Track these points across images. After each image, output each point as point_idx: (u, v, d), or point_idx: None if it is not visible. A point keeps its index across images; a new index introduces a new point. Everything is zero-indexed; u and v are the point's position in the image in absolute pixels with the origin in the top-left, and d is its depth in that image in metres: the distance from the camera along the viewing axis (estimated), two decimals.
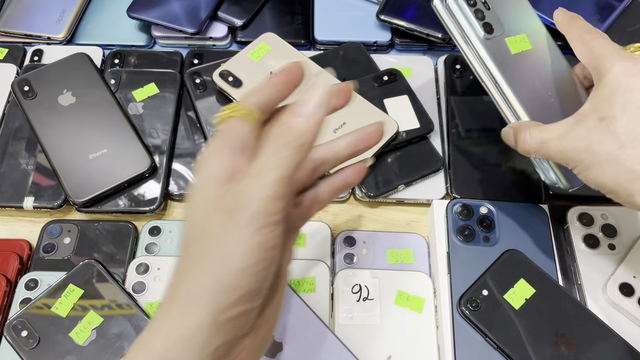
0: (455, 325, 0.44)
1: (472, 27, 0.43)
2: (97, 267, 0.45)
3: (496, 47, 0.43)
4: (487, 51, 0.43)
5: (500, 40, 0.43)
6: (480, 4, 0.43)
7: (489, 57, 0.43)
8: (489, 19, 0.43)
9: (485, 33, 0.43)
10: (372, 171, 0.52)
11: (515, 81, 0.42)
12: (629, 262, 0.47)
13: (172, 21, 0.61)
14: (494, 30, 0.43)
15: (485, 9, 0.43)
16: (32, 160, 0.53)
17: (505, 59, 0.43)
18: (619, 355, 0.42)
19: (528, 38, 0.44)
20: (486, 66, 0.43)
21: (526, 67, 0.43)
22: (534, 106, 0.42)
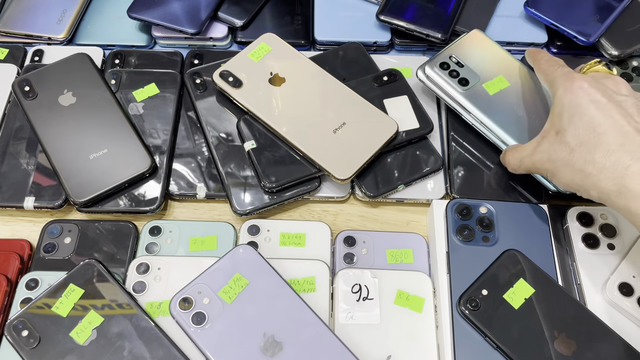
0: (455, 325, 0.44)
1: (450, 85, 0.53)
2: (98, 266, 0.45)
3: (475, 95, 0.52)
4: (468, 100, 0.52)
5: (478, 87, 0.53)
6: (454, 64, 0.54)
7: (470, 104, 0.52)
8: (463, 75, 0.53)
9: (462, 86, 0.53)
10: (372, 171, 0.52)
11: (498, 116, 0.51)
12: (629, 262, 0.47)
13: (172, 21, 0.61)
14: (469, 82, 0.53)
15: (459, 67, 0.54)
16: (32, 160, 0.53)
17: (485, 100, 0.52)
18: (619, 355, 0.42)
19: (505, 77, 0.53)
20: (469, 112, 0.52)
21: (506, 101, 0.52)
22: (518, 131, 0.51)
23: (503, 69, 0.54)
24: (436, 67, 0.54)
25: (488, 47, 0.55)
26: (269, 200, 0.51)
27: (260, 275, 0.44)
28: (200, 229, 0.50)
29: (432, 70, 0.54)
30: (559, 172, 0.43)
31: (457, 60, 0.54)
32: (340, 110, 0.53)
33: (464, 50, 0.55)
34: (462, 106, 0.52)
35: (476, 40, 0.56)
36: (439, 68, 0.53)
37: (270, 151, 0.52)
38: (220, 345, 0.42)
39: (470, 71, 0.53)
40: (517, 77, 0.53)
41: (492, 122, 0.51)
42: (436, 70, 0.53)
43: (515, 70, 0.54)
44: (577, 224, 0.49)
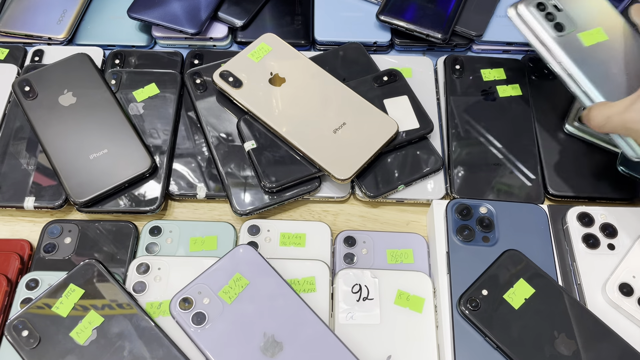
0: (455, 325, 0.44)
1: (544, 27, 0.49)
2: (98, 267, 0.45)
3: (568, 42, 0.49)
4: (560, 46, 0.48)
5: (573, 36, 0.49)
6: (551, 7, 0.50)
7: (561, 51, 0.48)
8: (560, 19, 0.49)
9: (556, 31, 0.49)
10: (372, 171, 0.52)
11: (589, 69, 0.48)
12: (629, 262, 0.47)
13: (172, 22, 0.61)
14: (564, 28, 0.49)
15: (557, 10, 0.50)
16: (32, 161, 0.53)
17: (578, 51, 0.48)
18: (619, 355, 0.42)
19: (603, 30, 0.50)
20: (559, 60, 0.48)
21: (601, 55, 0.49)
22: (609, 89, 0.47)
23: (603, 21, 0.50)
24: (532, 6, 0.49)
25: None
26: (269, 200, 0.51)
27: (261, 275, 0.44)
28: (200, 229, 0.50)
29: (527, 8, 0.49)
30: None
31: (555, 4, 0.50)
32: (340, 110, 0.53)
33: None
34: (552, 53, 0.49)
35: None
36: (535, 7, 0.49)
37: (270, 151, 0.52)
38: (220, 345, 0.42)
39: (567, 17, 0.49)
40: (617, 32, 0.50)
41: (582, 75, 0.48)
42: (531, 10, 0.49)
43: (617, 25, 0.50)
44: (577, 224, 0.49)
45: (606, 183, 0.53)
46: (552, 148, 0.55)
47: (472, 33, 0.62)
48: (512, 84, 0.59)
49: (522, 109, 0.57)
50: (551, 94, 0.59)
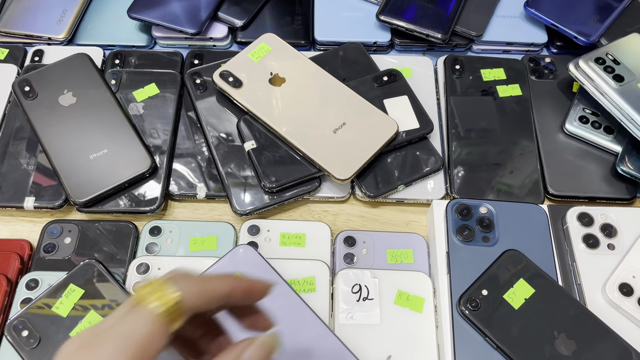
0: (455, 325, 0.44)
1: (604, 79, 0.53)
2: (98, 267, 0.45)
3: (628, 92, 0.52)
4: (620, 96, 0.52)
5: (632, 85, 0.53)
6: (609, 61, 0.54)
7: (622, 100, 0.52)
8: (619, 71, 0.53)
9: (616, 82, 0.53)
10: (372, 171, 0.52)
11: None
12: (629, 262, 0.47)
13: (172, 22, 0.61)
14: (624, 79, 0.53)
15: (615, 64, 0.54)
16: (32, 161, 0.53)
17: (638, 99, 0.52)
18: (619, 355, 0.42)
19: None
20: (620, 108, 0.52)
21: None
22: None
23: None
24: (591, 62, 0.54)
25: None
26: (269, 201, 0.51)
27: (260, 275, 0.44)
28: (200, 229, 0.50)
29: (587, 64, 0.54)
30: None
31: (613, 58, 0.54)
32: (340, 110, 0.53)
33: (621, 50, 0.55)
34: (613, 101, 0.52)
35: (634, 42, 0.56)
36: (594, 62, 0.54)
37: (270, 151, 0.52)
38: None
39: (626, 69, 0.53)
40: None
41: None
42: (591, 64, 0.53)
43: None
44: (577, 224, 0.49)
45: (606, 183, 0.53)
46: (552, 148, 0.55)
47: (472, 33, 0.62)
48: (512, 84, 0.59)
49: (522, 109, 0.57)
50: (551, 94, 0.59)
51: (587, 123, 0.56)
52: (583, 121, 0.56)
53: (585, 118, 0.56)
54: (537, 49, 0.64)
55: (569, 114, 0.56)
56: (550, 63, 0.61)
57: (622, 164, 0.52)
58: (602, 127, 0.55)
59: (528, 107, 0.57)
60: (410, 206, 0.54)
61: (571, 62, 0.55)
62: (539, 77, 0.60)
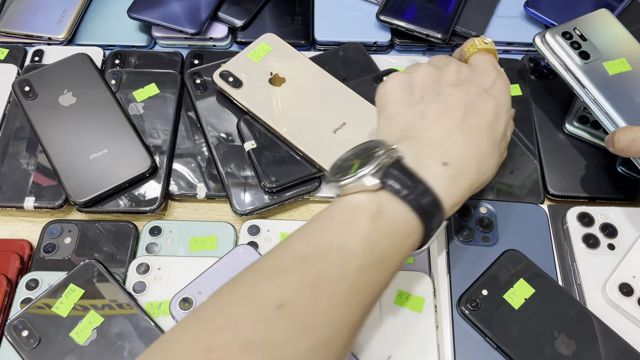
0: (455, 325, 0.44)
1: (569, 55, 0.51)
2: (98, 267, 0.45)
3: (593, 70, 0.51)
4: (585, 74, 0.50)
5: (597, 64, 0.51)
6: (577, 36, 0.52)
7: (586, 78, 0.50)
8: (585, 48, 0.51)
9: (582, 59, 0.51)
10: None
11: (614, 96, 0.50)
12: (629, 262, 0.47)
13: (172, 22, 0.61)
14: (590, 57, 0.51)
15: (582, 40, 0.52)
16: (32, 161, 0.53)
17: (603, 78, 0.50)
18: (619, 355, 0.42)
19: (627, 61, 0.52)
20: (584, 86, 0.50)
21: (626, 84, 0.50)
22: (633, 116, 0.49)
23: (627, 52, 0.52)
24: (558, 35, 0.52)
25: (614, 27, 0.54)
26: (269, 201, 0.51)
27: None
28: (200, 229, 0.50)
29: (553, 37, 0.52)
30: None
31: (580, 33, 0.52)
32: (340, 110, 0.53)
33: (589, 25, 0.53)
34: (578, 79, 0.51)
35: (602, 18, 0.54)
36: (560, 36, 0.52)
37: (270, 151, 0.52)
38: None
39: (592, 46, 0.52)
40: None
41: (606, 102, 0.49)
42: (557, 38, 0.52)
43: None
44: (577, 224, 0.49)
45: (606, 183, 0.53)
46: (552, 148, 0.55)
47: (472, 33, 0.62)
48: (512, 83, 0.59)
49: (522, 109, 0.57)
50: (551, 94, 0.59)
51: (587, 123, 0.56)
52: (583, 121, 0.56)
53: (585, 118, 0.56)
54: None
55: (568, 114, 0.56)
56: None
57: (622, 164, 0.52)
58: (601, 127, 0.55)
59: (528, 107, 0.57)
60: None
61: (537, 35, 0.53)
62: (539, 77, 0.60)
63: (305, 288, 0.30)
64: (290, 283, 0.30)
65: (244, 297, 0.30)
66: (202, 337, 0.28)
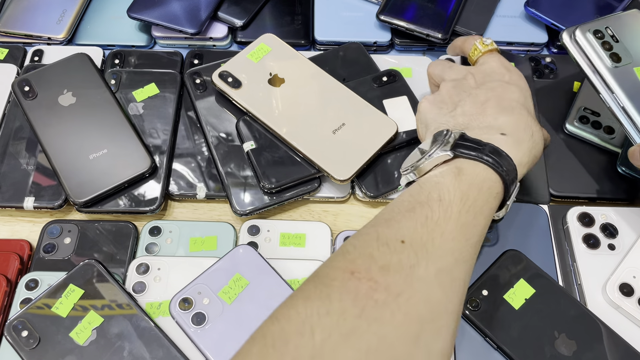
0: None
1: (599, 56, 0.47)
2: (98, 267, 0.45)
3: (623, 75, 0.47)
4: (614, 77, 0.47)
5: (628, 68, 0.47)
6: (608, 37, 0.48)
7: (615, 82, 0.47)
8: (616, 50, 0.47)
9: (613, 62, 0.47)
10: (372, 171, 0.52)
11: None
12: (629, 262, 0.47)
13: (172, 21, 0.61)
14: (622, 60, 0.47)
15: (614, 41, 0.48)
16: (32, 161, 0.53)
17: (633, 85, 0.47)
18: (619, 355, 0.42)
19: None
20: (612, 91, 0.47)
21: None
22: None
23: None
24: (589, 33, 0.47)
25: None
26: (269, 201, 0.51)
27: (260, 275, 0.44)
28: (200, 229, 0.50)
29: (584, 35, 0.47)
30: None
31: (612, 33, 0.48)
32: (339, 111, 0.53)
33: (622, 26, 0.49)
34: (606, 83, 0.47)
35: (635, 19, 0.50)
36: (592, 35, 0.47)
37: (269, 152, 0.52)
38: (220, 346, 0.42)
39: (624, 49, 0.47)
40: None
41: (634, 110, 0.46)
42: (588, 37, 0.47)
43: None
44: (577, 224, 0.49)
45: (606, 183, 0.53)
46: (552, 148, 0.55)
47: (472, 33, 0.62)
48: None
49: None
50: (551, 94, 0.59)
51: (587, 123, 0.55)
52: (583, 121, 0.56)
53: (586, 118, 0.56)
54: (538, 49, 0.64)
55: (569, 114, 0.56)
56: (551, 62, 0.61)
57: (622, 164, 0.52)
58: (602, 127, 0.55)
59: None
60: None
61: (565, 31, 0.49)
62: (540, 77, 0.60)
63: (419, 228, 0.35)
64: (406, 226, 0.35)
65: (369, 239, 0.35)
66: (345, 266, 0.33)
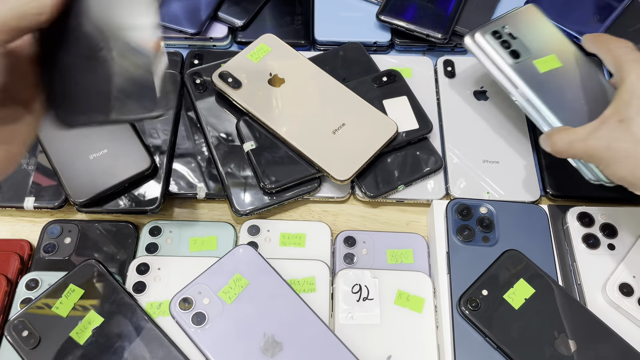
0: (455, 325, 0.44)
1: (500, 55, 0.49)
2: (98, 267, 0.45)
3: (524, 69, 0.49)
4: (516, 73, 0.49)
5: (528, 63, 0.49)
6: (506, 35, 0.50)
7: (518, 77, 0.49)
8: (515, 47, 0.50)
9: (512, 58, 0.49)
10: (372, 171, 0.52)
11: (545, 95, 0.48)
12: (629, 262, 0.47)
13: (172, 21, 0.61)
14: (520, 56, 0.49)
15: (511, 38, 0.50)
16: (32, 160, 0.53)
17: (534, 77, 0.49)
18: (619, 355, 0.42)
19: (557, 57, 0.50)
20: (516, 86, 0.49)
21: (557, 81, 0.49)
22: (566, 114, 0.47)
23: (556, 48, 0.51)
24: (488, 35, 0.50)
25: (543, 24, 0.52)
26: (269, 201, 0.51)
27: (260, 275, 0.44)
28: (200, 229, 0.50)
29: (483, 37, 0.50)
30: (617, 162, 0.40)
31: (509, 32, 0.50)
32: (339, 111, 0.53)
33: (518, 23, 0.51)
34: (509, 79, 0.49)
35: (531, 14, 0.52)
36: (490, 36, 0.50)
37: (269, 152, 0.52)
38: (220, 346, 0.42)
39: (522, 45, 0.50)
40: (570, 59, 0.50)
41: (539, 100, 0.48)
42: (487, 38, 0.50)
43: (569, 51, 0.51)
44: (577, 224, 0.49)
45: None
46: None
47: None
48: None
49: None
50: None
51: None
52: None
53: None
54: None
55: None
56: None
57: None
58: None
59: None
60: (410, 206, 0.54)
61: (467, 35, 0.51)
62: None
63: None
64: None
65: None
66: None
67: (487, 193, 0.52)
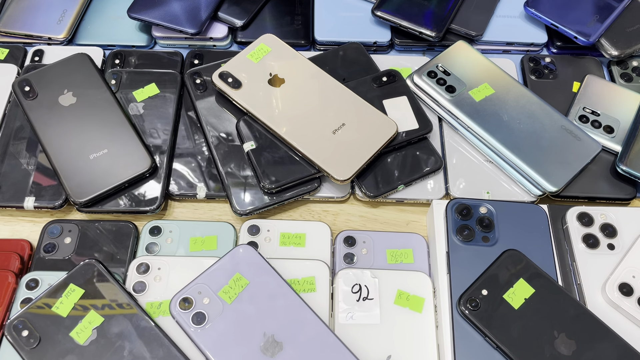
0: (455, 325, 0.44)
1: (438, 92, 0.55)
2: (98, 266, 0.45)
3: (461, 101, 0.55)
4: (455, 106, 0.54)
5: (464, 94, 0.55)
6: (441, 73, 0.56)
7: (457, 109, 0.54)
8: (450, 82, 0.56)
9: (449, 93, 0.55)
10: (372, 171, 0.52)
11: (483, 121, 0.54)
12: (629, 262, 0.47)
13: (172, 22, 0.61)
14: (456, 90, 0.55)
15: (446, 75, 0.56)
16: (32, 160, 0.53)
17: (472, 106, 0.55)
18: (619, 355, 0.42)
19: (490, 85, 0.56)
20: (457, 117, 0.54)
21: (492, 107, 0.55)
22: (505, 135, 0.53)
23: (488, 76, 0.57)
24: (424, 76, 0.56)
25: (473, 56, 0.58)
26: (269, 201, 0.51)
27: (260, 275, 0.44)
28: (200, 229, 0.50)
29: (420, 78, 0.56)
30: None
31: (443, 69, 0.56)
32: (339, 111, 0.53)
33: (450, 60, 0.57)
34: (450, 112, 0.54)
35: (461, 50, 0.59)
36: (426, 76, 0.56)
37: (269, 152, 0.52)
38: (220, 345, 0.42)
39: (456, 79, 0.56)
40: (501, 84, 0.56)
41: (478, 127, 0.53)
42: (424, 79, 0.56)
43: (499, 77, 0.56)
44: (577, 224, 0.49)
45: (606, 183, 0.53)
46: None
47: (472, 33, 0.62)
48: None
49: None
50: (551, 94, 0.59)
51: (587, 122, 0.56)
52: (583, 120, 0.56)
53: (585, 117, 0.56)
54: (537, 49, 0.64)
55: (568, 113, 0.56)
56: (551, 63, 0.61)
57: (622, 163, 0.52)
58: (601, 127, 0.55)
59: None
60: (410, 206, 0.54)
61: (408, 77, 0.57)
62: (539, 77, 0.60)
63: None
64: None
65: None
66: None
67: (487, 193, 0.52)
